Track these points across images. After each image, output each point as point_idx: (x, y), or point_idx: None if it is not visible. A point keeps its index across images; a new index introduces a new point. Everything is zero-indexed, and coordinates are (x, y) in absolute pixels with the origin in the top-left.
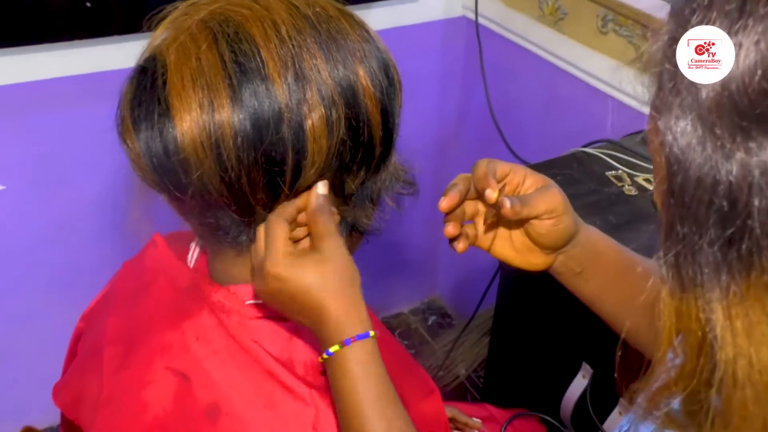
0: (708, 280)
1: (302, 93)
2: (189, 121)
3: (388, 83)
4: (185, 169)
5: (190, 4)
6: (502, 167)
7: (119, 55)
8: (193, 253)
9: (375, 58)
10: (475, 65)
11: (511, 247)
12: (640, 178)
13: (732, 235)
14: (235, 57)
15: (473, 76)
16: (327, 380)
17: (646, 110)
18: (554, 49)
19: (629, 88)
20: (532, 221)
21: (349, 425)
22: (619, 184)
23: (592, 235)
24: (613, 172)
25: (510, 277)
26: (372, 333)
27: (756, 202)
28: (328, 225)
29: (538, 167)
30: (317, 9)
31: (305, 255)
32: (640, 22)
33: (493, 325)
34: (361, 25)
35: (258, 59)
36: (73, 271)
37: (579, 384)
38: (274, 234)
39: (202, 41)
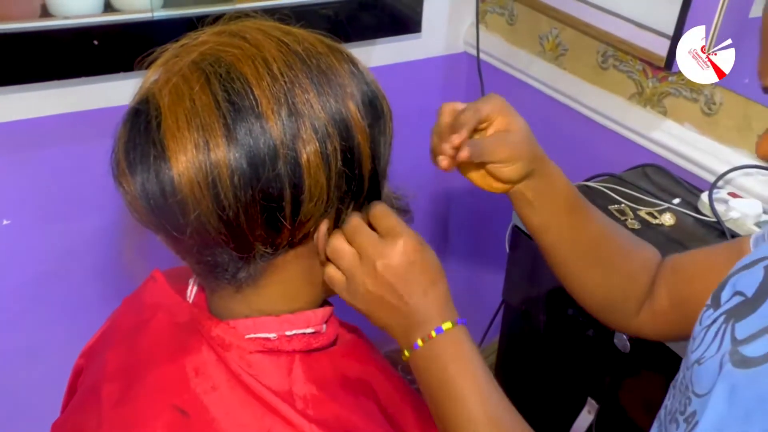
0: None
1: (296, 128)
2: (185, 162)
3: (376, 116)
4: (183, 209)
5: (181, 45)
6: (483, 107)
7: (125, 92)
8: (192, 289)
9: (363, 92)
10: (476, 99)
11: (475, 169)
12: (642, 212)
13: None
14: (228, 96)
15: None
16: (327, 414)
17: (646, 144)
18: (555, 84)
19: (630, 122)
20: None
21: (467, 402)
22: (622, 218)
23: (553, 173)
24: (616, 206)
25: (514, 311)
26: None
27: None
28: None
29: None
30: (306, 45)
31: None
32: (640, 57)
33: (497, 359)
34: (349, 59)
35: (251, 97)
36: (74, 307)
37: (584, 419)
38: (397, 221)
39: (195, 82)
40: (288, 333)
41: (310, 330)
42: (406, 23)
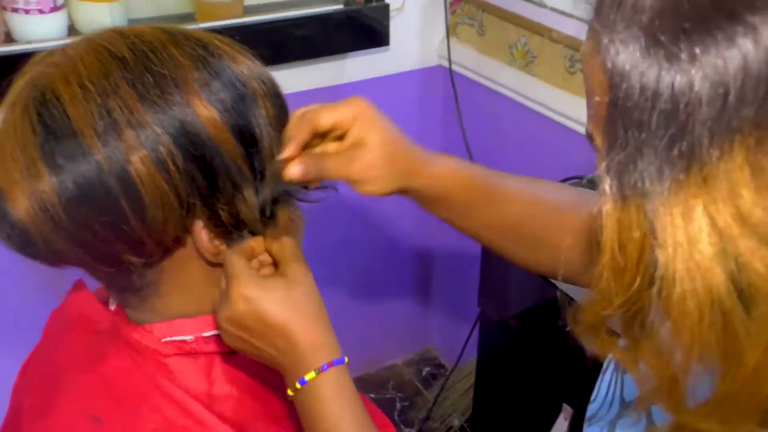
0: (650, 183)
1: (117, 139)
2: (19, 196)
3: (239, 99)
4: (31, 240)
5: (22, 70)
6: (324, 116)
7: None
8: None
9: (216, 79)
10: (453, 111)
11: None
12: None
13: (674, 134)
14: (42, 120)
15: (451, 122)
16: (245, 415)
17: None
18: (525, 92)
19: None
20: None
21: None
22: None
23: (439, 176)
24: None
25: (490, 324)
26: (346, 359)
27: (699, 105)
28: (295, 248)
29: None
30: (137, 44)
31: (272, 277)
32: None
33: (477, 372)
34: (199, 46)
35: (65, 117)
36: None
37: (561, 426)
38: (233, 262)
39: (18, 112)
40: (205, 334)
41: None
42: (373, 37)
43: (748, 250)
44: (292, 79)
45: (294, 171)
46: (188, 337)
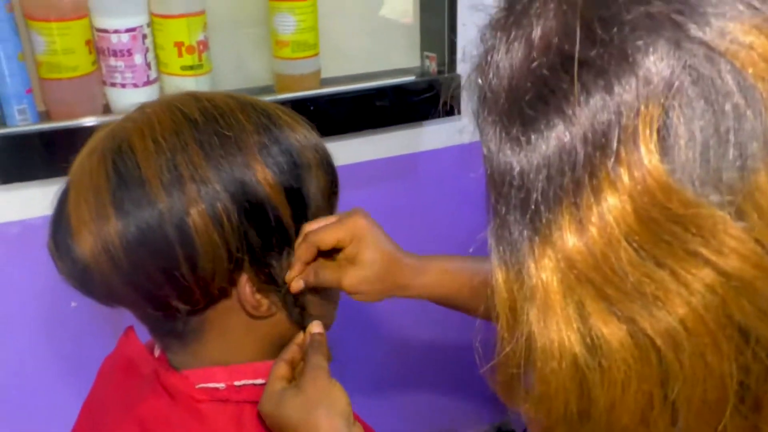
0: (517, 247)
1: (180, 192)
2: (86, 235)
3: (294, 165)
4: (90, 277)
5: (103, 124)
6: (326, 238)
7: None
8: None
9: (275, 145)
10: None
11: None
12: None
13: (524, 203)
14: (116, 168)
15: None
16: None
17: None
18: None
19: None
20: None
21: None
22: None
23: (427, 285)
24: None
25: None
26: None
27: (536, 179)
28: (314, 359)
29: None
30: (208, 108)
31: (286, 391)
32: None
33: None
34: (263, 115)
35: (137, 167)
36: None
37: None
38: (271, 374)
39: (95, 159)
40: (237, 383)
41: (259, 381)
42: (446, 106)
43: (586, 299)
44: (368, 147)
45: (296, 285)
46: (220, 385)
